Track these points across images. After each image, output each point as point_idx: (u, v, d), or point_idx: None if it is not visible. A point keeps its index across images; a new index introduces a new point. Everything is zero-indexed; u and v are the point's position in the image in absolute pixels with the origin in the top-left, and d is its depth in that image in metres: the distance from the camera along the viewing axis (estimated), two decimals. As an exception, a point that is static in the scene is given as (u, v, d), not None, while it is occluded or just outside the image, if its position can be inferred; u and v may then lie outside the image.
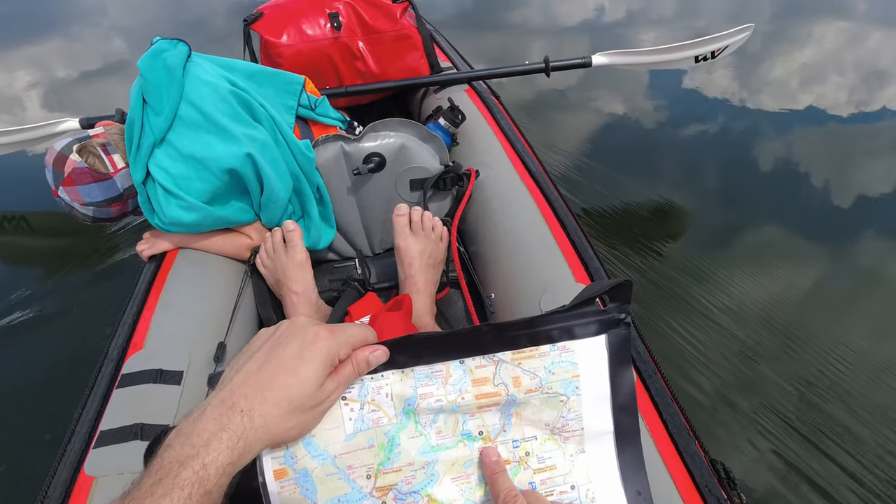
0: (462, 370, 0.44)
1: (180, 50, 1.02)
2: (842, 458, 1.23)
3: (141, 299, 1.01)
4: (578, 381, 0.46)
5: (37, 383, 1.44)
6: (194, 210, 1.02)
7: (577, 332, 0.46)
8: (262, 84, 1.15)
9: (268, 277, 1.13)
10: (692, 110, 2.64)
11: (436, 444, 0.44)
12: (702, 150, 2.37)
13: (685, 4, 4.02)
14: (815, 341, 1.49)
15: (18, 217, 2.03)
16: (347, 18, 1.56)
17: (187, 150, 0.98)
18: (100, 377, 0.88)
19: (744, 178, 2.17)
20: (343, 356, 0.41)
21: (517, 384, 0.45)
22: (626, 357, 0.47)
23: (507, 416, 0.46)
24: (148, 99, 0.98)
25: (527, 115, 2.53)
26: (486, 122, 1.44)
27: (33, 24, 4.07)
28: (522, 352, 0.45)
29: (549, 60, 1.66)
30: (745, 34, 1.72)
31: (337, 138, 1.17)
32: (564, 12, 3.95)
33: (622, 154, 2.32)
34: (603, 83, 2.83)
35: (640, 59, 1.74)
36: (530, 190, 1.19)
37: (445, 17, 3.85)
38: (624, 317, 0.46)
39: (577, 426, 0.47)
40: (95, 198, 1.04)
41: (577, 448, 0.47)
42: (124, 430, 0.79)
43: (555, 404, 0.46)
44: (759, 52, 3.15)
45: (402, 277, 1.10)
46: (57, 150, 1.02)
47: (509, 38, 3.57)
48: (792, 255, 1.78)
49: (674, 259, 1.76)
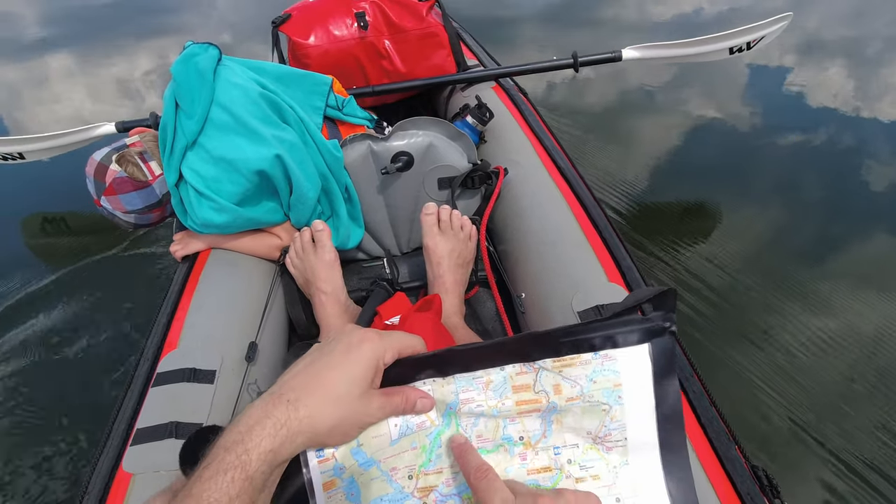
0: (503, 377, 0.44)
1: (211, 54, 1.04)
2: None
3: (175, 299, 1.03)
4: (621, 389, 0.45)
5: (79, 382, 1.49)
6: (225, 211, 1.03)
7: (619, 340, 0.45)
8: (291, 85, 1.16)
9: (297, 277, 1.13)
10: (794, 116, 2.48)
11: (476, 447, 0.44)
12: (803, 160, 2.20)
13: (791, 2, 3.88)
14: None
15: (59, 218, 2.10)
16: (374, 18, 1.56)
17: (218, 153, 0.99)
18: (136, 375, 0.90)
19: (852, 191, 2.02)
20: (389, 360, 0.42)
21: (558, 392, 0.44)
22: (671, 367, 0.45)
23: (548, 423, 0.45)
24: (180, 102, 1.00)
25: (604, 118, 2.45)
26: (515, 120, 1.42)
27: (152, 15, 4.36)
28: (563, 360, 0.45)
29: (577, 55, 1.63)
30: (784, 23, 1.66)
31: (365, 137, 1.17)
32: (657, 12, 3.83)
33: (712, 164, 2.22)
34: (694, 83, 2.72)
35: (673, 52, 1.70)
36: (560, 188, 1.17)
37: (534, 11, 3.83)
38: (668, 325, 0.45)
39: (620, 436, 0.45)
40: (136, 205, 1.07)
41: (620, 459, 0.45)
42: (160, 428, 0.81)
43: (597, 413, 0.45)
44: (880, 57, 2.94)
45: (431, 277, 1.10)
46: (97, 161, 1.05)
47: (598, 34, 3.48)
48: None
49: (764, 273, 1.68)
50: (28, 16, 4.66)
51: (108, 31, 4.06)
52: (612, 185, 2.06)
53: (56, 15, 4.65)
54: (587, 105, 2.70)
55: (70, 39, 3.99)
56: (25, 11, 4.73)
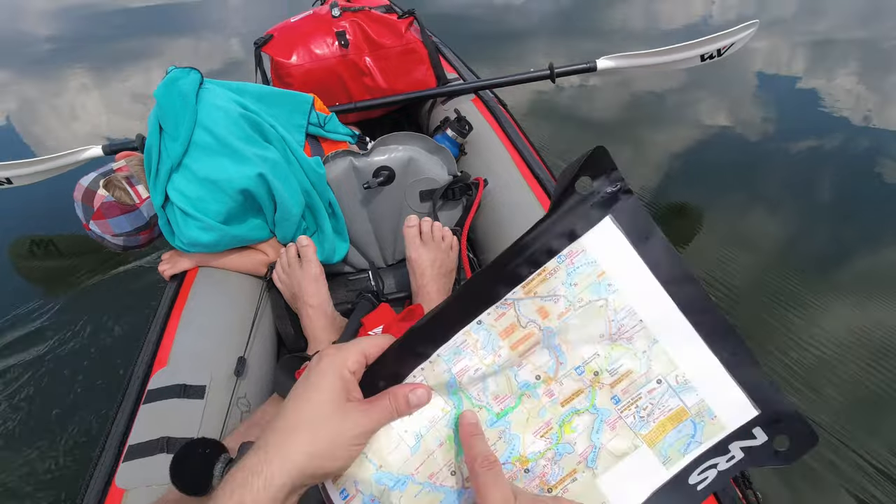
0: (484, 329, 0.40)
1: (193, 78, 1.07)
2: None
3: (164, 318, 1.05)
4: (606, 277, 0.40)
5: (70, 395, 1.50)
6: (212, 230, 1.06)
7: (576, 229, 0.40)
8: (272, 105, 1.19)
9: (284, 292, 1.16)
10: (807, 123, 2.50)
11: (499, 410, 0.41)
12: (812, 167, 2.20)
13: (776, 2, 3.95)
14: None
15: (47, 241, 2.11)
16: (354, 36, 1.60)
17: (202, 174, 1.02)
18: (127, 393, 0.92)
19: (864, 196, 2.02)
20: (353, 366, 0.39)
21: (545, 314, 0.40)
22: (646, 225, 0.40)
23: (555, 349, 0.41)
24: (164, 126, 1.03)
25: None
26: (494, 132, 1.46)
27: (167, 29, 4.58)
28: (531, 281, 0.40)
29: (553, 66, 1.68)
30: (751, 31, 1.71)
31: (346, 154, 1.20)
32: (666, 14, 3.93)
33: (721, 169, 2.24)
34: (707, 87, 2.77)
35: (646, 61, 1.75)
36: (538, 196, 1.21)
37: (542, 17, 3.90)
38: (619, 186, 0.40)
39: (633, 321, 0.41)
40: (125, 228, 1.10)
41: (646, 342, 0.41)
42: (151, 443, 0.83)
43: (596, 313, 0.41)
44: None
45: (415, 287, 1.13)
46: (84, 186, 1.07)
47: (606, 43, 3.54)
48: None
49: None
50: (43, 33, 4.80)
51: (121, 45, 4.21)
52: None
53: (69, 31, 4.83)
54: (597, 111, 2.77)
55: (84, 54, 4.11)
56: (41, 29, 4.89)
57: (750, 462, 0.42)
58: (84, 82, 3.68)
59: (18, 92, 3.66)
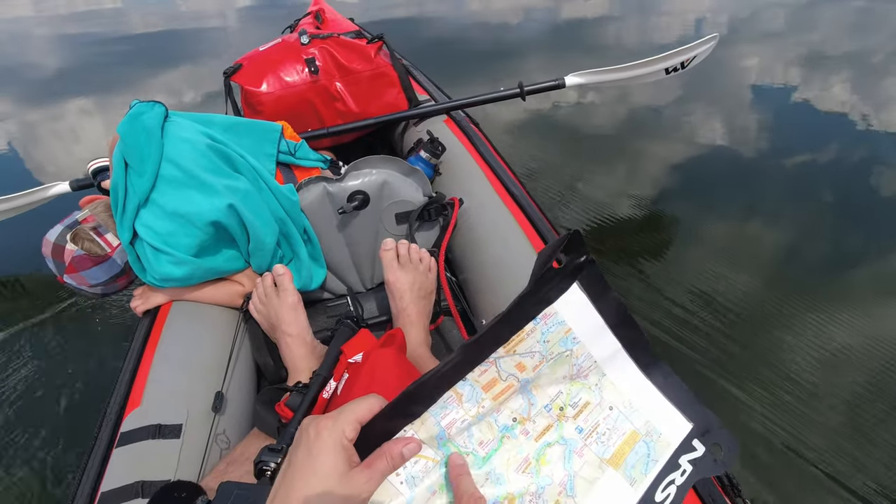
0: (469, 385, 0.45)
1: (157, 111, 1.05)
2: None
3: (136, 355, 1.02)
4: (573, 332, 0.48)
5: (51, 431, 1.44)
6: (184, 264, 1.03)
7: (551, 296, 0.47)
8: (241, 135, 1.18)
9: (262, 322, 1.14)
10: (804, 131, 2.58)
11: (484, 454, 0.45)
12: (807, 178, 2.26)
13: (761, 13, 4.06)
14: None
15: (13, 280, 2.05)
16: (324, 62, 1.61)
17: (171, 207, 1.00)
18: (99, 437, 0.89)
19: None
20: (351, 435, 0.41)
21: (522, 369, 0.47)
22: (602, 286, 0.48)
23: (528, 394, 0.47)
24: (130, 162, 1.01)
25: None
26: (467, 151, 1.47)
27: (168, 55, 4.60)
28: (511, 342, 0.46)
29: (522, 85, 1.70)
30: (712, 44, 1.77)
31: (319, 180, 1.19)
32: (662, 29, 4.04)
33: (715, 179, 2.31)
34: (698, 98, 2.86)
35: (613, 77, 1.79)
36: (514, 213, 1.21)
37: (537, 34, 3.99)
38: (584, 258, 0.47)
39: (589, 362, 0.48)
40: (100, 279, 1.07)
41: (597, 377, 0.49)
42: (126, 489, 0.79)
43: (563, 361, 0.48)
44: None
45: (395, 311, 1.12)
46: (52, 242, 1.04)
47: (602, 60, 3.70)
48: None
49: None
50: (46, 62, 4.77)
51: (122, 71, 4.24)
52: (602, 214, 2.13)
53: (71, 58, 4.82)
54: (594, 126, 2.84)
55: (86, 80, 4.12)
56: (45, 59, 4.85)
57: (698, 473, 0.48)
58: (85, 107, 3.69)
59: (20, 118, 3.62)
